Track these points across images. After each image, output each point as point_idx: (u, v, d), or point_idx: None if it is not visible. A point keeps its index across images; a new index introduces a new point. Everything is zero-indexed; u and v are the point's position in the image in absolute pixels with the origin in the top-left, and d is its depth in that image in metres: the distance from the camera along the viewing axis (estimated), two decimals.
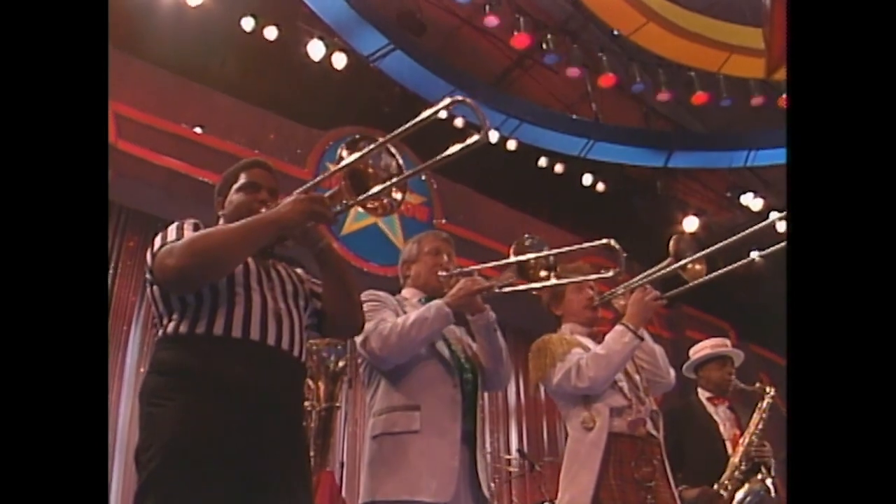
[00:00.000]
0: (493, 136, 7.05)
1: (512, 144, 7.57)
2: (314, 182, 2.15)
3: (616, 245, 2.39)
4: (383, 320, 2.27)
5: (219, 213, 1.99)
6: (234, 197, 1.96)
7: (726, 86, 7.32)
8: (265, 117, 6.54)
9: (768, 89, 7.26)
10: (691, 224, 8.32)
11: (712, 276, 2.60)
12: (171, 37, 6.06)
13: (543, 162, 7.99)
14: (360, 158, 1.83)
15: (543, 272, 2.44)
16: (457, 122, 6.40)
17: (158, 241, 1.78)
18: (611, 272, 2.42)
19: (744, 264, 2.60)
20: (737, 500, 3.21)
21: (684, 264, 2.59)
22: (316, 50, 6.55)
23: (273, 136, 6.49)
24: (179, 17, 6.00)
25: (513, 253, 2.45)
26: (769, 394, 3.51)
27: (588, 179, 8.26)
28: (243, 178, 1.98)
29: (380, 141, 1.81)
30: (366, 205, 1.88)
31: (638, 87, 7.45)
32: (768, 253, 2.45)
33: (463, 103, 1.73)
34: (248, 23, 6.28)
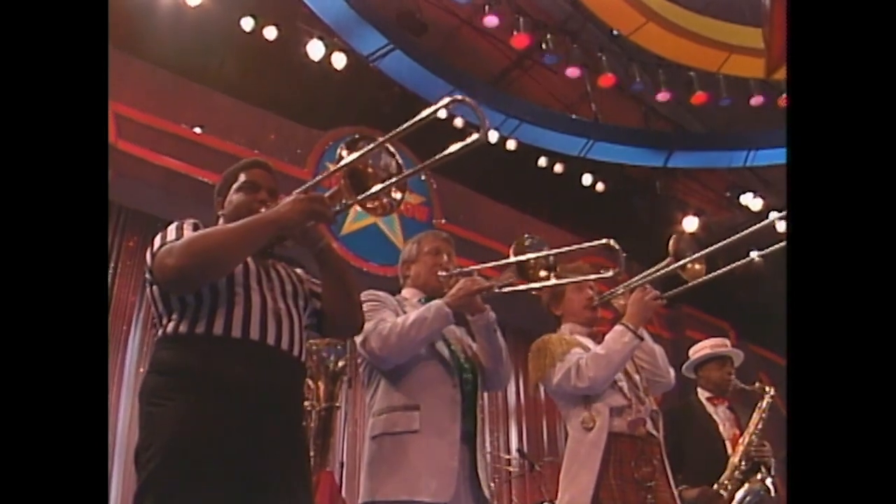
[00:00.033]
0: (493, 136, 7.07)
1: (511, 144, 7.57)
2: (314, 182, 2.15)
3: (615, 245, 2.39)
4: (383, 320, 2.27)
5: (218, 213, 1.99)
6: (233, 197, 1.95)
7: (726, 86, 7.32)
8: (265, 117, 6.53)
9: (768, 89, 7.26)
10: (691, 224, 8.32)
11: (712, 275, 2.60)
12: (171, 37, 6.06)
13: (543, 162, 7.99)
14: (359, 158, 1.83)
15: (543, 272, 2.43)
16: (456, 121, 6.40)
17: (158, 241, 1.78)
18: (610, 272, 2.42)
19: (743, 264, 2.61)
20: (737, 499, 3.21)
21: (684, 264, 2.59)
22: (315, 50, 6.55)
23: (273, 136, 6.49)
24: (179, 18, 6.00)
25: (512, 253, 2.44)
26: (769, 393, 3.51)
27: (588, 179, 8.26)
28: (243, 178, 1.98)
29: (379, 140, 1.81)
30: (365, 204, 1.88)
31: (637, 87, 7.45)
32: (768, 253, 2.45)
33: (462, 102, 1.73)
34: (247, 23, 6.28)
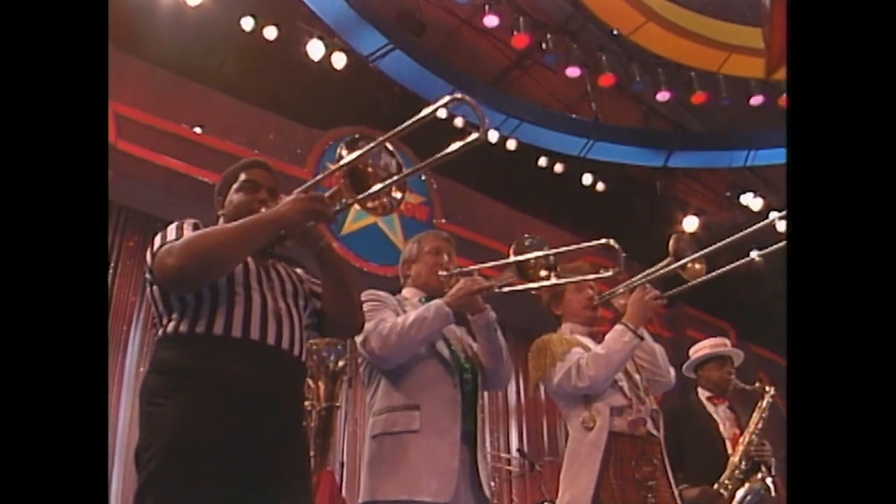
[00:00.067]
0: (493, 136, 7.07)
1: (512, 144, 7.57)
2: (314, 181, 2.15)
3: (615, 245, 2.39)
4: (383, 320, 2.27)
5: (218, 213, 1.99)
6: (233, 197, 1.96)
7: (726, 85, 7.32)
8: (265, 117, 6.53)
9: (768, 89, 7.27)
10: (691, 224, 8.32)
11: (712, 275, 2.60)
12: (171, 37, 6.06)
13: (543, 162, 7.99)
14: (359, 157, 1.83)
15: (543, 272, 2.43)
16: (456, 121, 6.41)
17: (158, 240, 1.78)
18: (610, 272, 2.42)
19: (744, 264, 2.61)
20: (737, 499, 3.21)
21: (684, 264, 2.58)
22: (315, 50, 6.55)
23: (273, 135, 6.49)
24: (179, 17, 6.00)
25: (513, 253, 2.44)
26: (769, 393, 3.51)
27: (588, 179, 8.26)
28: (243, 177, 1.98)
29: (379, 139, 1.81)
30: (365, 204, 1.88)
31: (637, 87, 7.45)
32: (768, 252, 2.46)
33: (462, 101, 1.73)
34: (247, 23, 6.28)
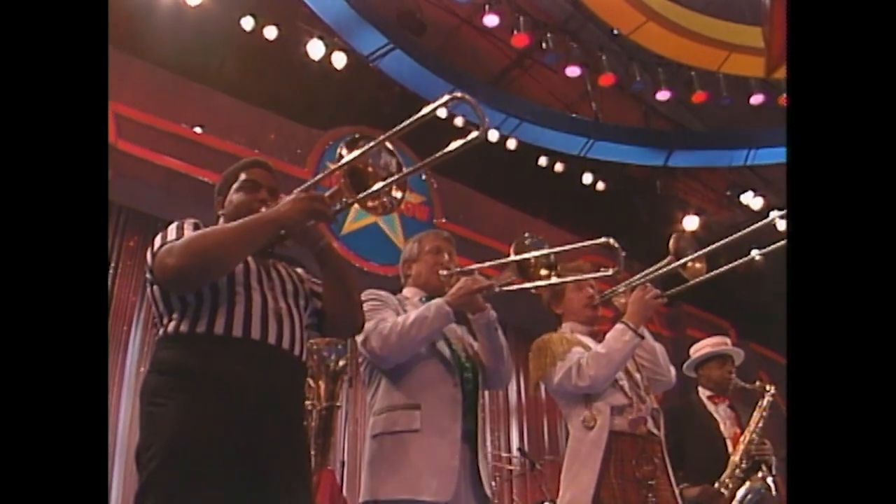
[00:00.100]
0: (493, 135, 7.07)
1: (512, 144, 7.57)
2: (314, 181, 2.15)
3: (615, 244, 2.39)
4: (383, 319, 2.27)
5: (219, 213, 1.99)
6: (233, 196, 1.96)
7: (726, 84, 7.32)
8: (265, 117, 6.54)
9: (768, 88, 7.26)
10: (691, 223, 8.32)
11: (712, 274, 2.60)
12: (171, 37, 6.05)
13: (543, 161, 7.99)
14: (359, 156, 1.83)
15: (543, 271, 2.43)
16: (457, 120, 6.41)
17: (158, 240, 1.78)
18: (610, 271, 2.42)
19: (744, 263, 2.60)
20: (738, 498, 3.21)
21: (684, 263, 2.59)
22: (316, 49, 6.55)
23: (273, 135, 6.49)
24: (179, 17, 6.00)
25: (513, 252, 2.44)
26: (769, 392, 3.51)
27: (588, 178, 8.26)
28: (243, 177, 1.98)
29: (379, 138, 1.81)
30: (366, 203, 1.88)
31: (638, 86, 7.44)
32: (768, 251, 2.46)
33: (462, 100, 1.73)
34: (247, 22, 6.28)
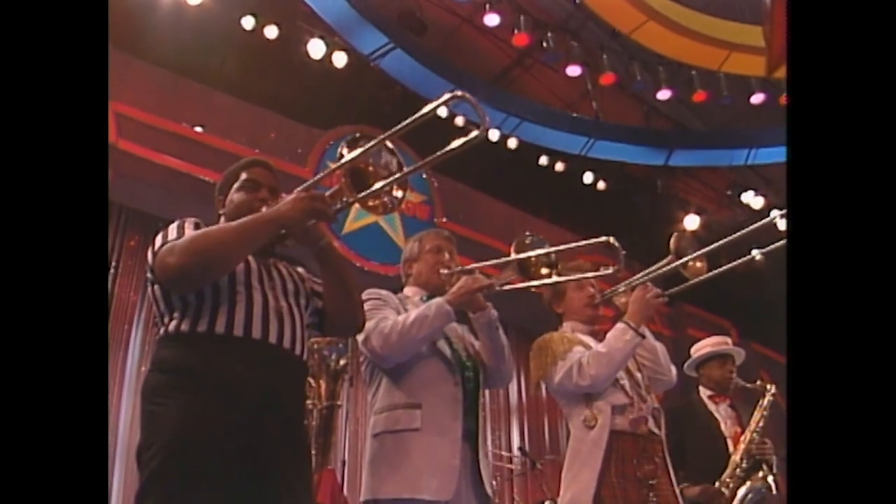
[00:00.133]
0: (494, 135, 7.07)
1: (512, 143, 7.57)
2: (314, 180, 2.15)
3: (615, 242, 2.39)
4: (384, 319, 2.27)
5: (219, 212, 1.99)
6: (234, 196, 1.96)
7: (727, 84, 7.31)
8: (265, 116, 6.54)
9: (769, 87, 7.26)
10: (692, 222, 8.32)
11: (713, 273, 2.60)
12: (172, 36, 6.06)
13: (544, 160, 7.99)
14: (360, 156, 1.83)
15: (544, 270, 2.44)
16: (457, 120, 6.41)
17: (159, 240, 1.78)
18: (610, 269, 2.42)
19: (744, 262, 2.60)
20: (738, 497, 3.21)
21: (685, 262, 2.58)
22: (316, 49, 6.55)
23: (273, 135, 6.49)
24: (179, 17, 6.00)
25: (513, 251, 2.44)
26: (770, 391, 3.51)
27: (589, 178, 8.26)
28: (244, 176, 1.98)
29: (380, 137, 1.81)
30: (366, 203, 1.88)
31: (638, 86, 7.44)
32: (769, 251, 2.45)
33: (462, 99, 1.73)
34: (248, 22, 6.28)
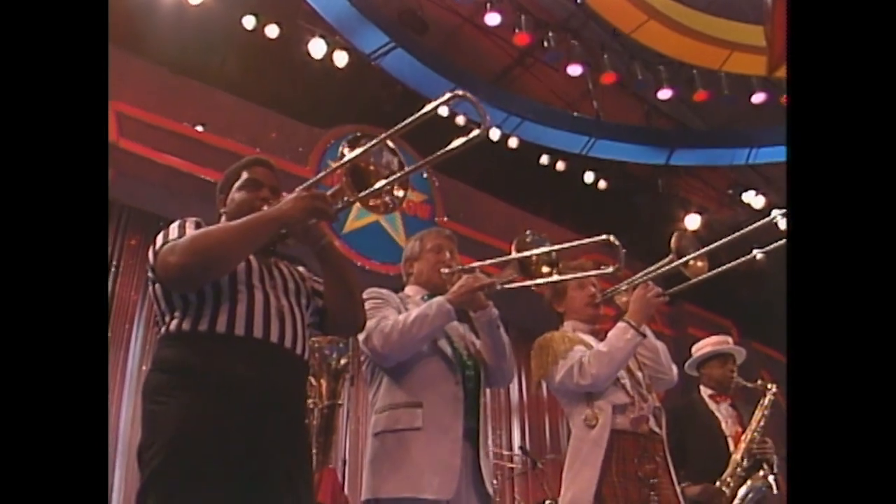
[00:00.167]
0: (495, 134, 7.06)
1: (513, 142, 7.56)
2: (315, 179, 2.15)
3: (615, 241, 2.38)
4: (385, 318, 2.27)
5: (220, 211, 1.99)
6: (235, 195, 1.96)
7: (728, 83, 7.30)
8: (266, 115, 6.54)
9: (770, 86, 7.24)
10: (693, 221, 8.31)
11: (714, 273, 2.60)
12: (172, 35, 6.05)
13: (545, 160, 7.98)
14: (361, 155, 1.83)
15: (545, 268, 2.44)
16: (458, 119, 6.41)
17: (160, 239, 1.78)
18: (611, 268, 2.42)
19: (745, 261, 2.60)
20: (739, 496, 3.21)
21: (686, 261, 2.59)
22: (317, 48, 6.54)
23: (274, 134, 6.49)
24: (180, 16, 6.00)
25: (514, 249, 2.44)
26: (771, 391, 3.51)
27: (589, 177, 8.25)
28: (245, 175, 1.98)
29: (381, 136, 1.81)
30: (367, 202, 1.88)
31: (639, 85, 7.42)
32: (770, 250, 2.45)
33: (463, 98, 1.73)
34: (249, 21, 6.28)
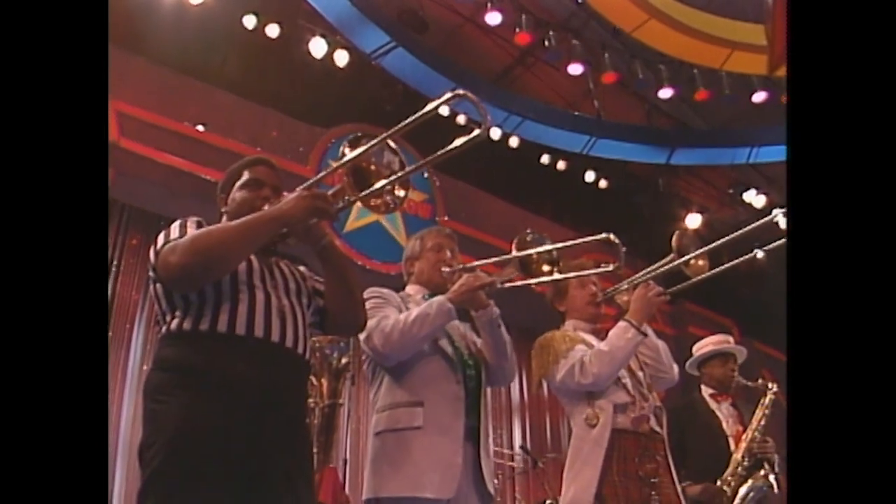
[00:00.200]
0: (496, 133, 7.06)
1: (514, 141, 7.56)
2: (316, 179, 2.15)
3: (615, 239, 2.38)
4: (386, 317, 2.27)
5: (222, 211, 1.99)
6: (236, 194, 1.96)
7: (728, 82, 7.30)
8: (267, 115, 6.53)
9: (771, 86, 7.24)
10: (694, 221, 8.32)
11: (715, 272, 2.60)
12: (173, 34, 6.05)
13: (546, 159, 7.98)
14: (361, 154, 1.83)
15: (545, 267, 2.44)
16: (459, 118, 6.41)
17: (161, 238, 1.78)
18: (611, 266, 2.42)
19: (746, 260, 2.60)
20: (740, 495, 3.21)
21: (687, 260, 2.58)
22: (318, 47, 6.55)
23: (275, 133, 6.49)
24: (181, 15, 6.00)
25: (515, 248, 2.44)
26: (772, 390, 3.51)
27: (590, 176, 8.26)
28: (246, 175, 1.98)
29: (382, 136, 1.81)
30: (368, 201, 1.88)
31: (640, 84, 7.42)
32: (771, 249, 2.45)
33: (463, 98, 1.72)
34: (249, 20, 6.28)
